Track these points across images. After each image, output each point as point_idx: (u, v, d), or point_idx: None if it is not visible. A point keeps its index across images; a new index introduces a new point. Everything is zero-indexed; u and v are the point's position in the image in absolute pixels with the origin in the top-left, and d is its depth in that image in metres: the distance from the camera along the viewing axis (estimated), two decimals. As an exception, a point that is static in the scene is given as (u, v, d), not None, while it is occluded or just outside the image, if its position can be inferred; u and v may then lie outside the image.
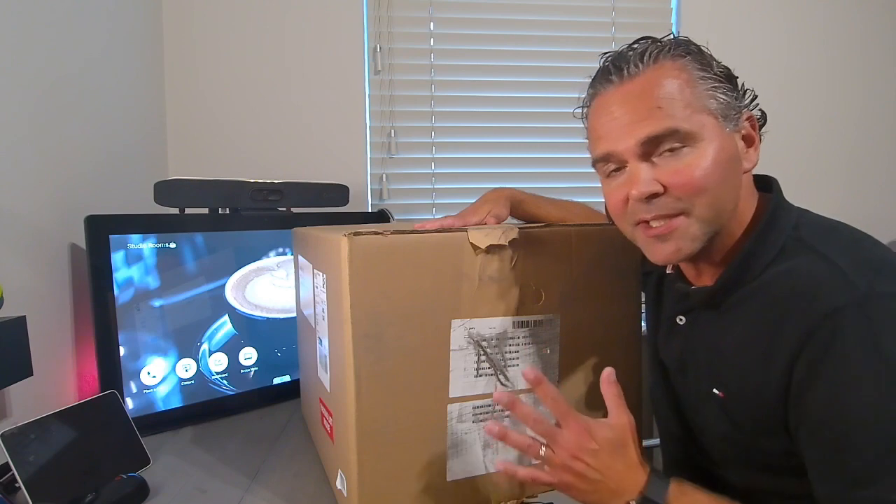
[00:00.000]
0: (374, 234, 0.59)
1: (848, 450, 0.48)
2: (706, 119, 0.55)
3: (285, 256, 1.08)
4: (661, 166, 0.56)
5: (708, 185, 0.55)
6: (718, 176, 0.55)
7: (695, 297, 0.64)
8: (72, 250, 0.94)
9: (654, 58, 0.57)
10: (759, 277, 0.57)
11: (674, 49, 0.57)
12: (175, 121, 1.38)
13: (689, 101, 0.55)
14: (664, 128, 0.54)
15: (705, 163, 0.55)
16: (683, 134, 0.54)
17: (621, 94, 0.58)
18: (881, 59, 1.60)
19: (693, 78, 0.56)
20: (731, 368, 0.59)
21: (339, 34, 1.43)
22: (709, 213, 0.56)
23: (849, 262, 0.52)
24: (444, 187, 1.51)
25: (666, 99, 0.55)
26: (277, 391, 1.07)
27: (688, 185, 0.55)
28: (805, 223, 0.59)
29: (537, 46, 1.51)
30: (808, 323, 0.51)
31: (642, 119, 0.55)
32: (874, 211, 1.61)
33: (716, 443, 0.65)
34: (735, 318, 0.59)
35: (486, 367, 0.66)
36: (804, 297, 0.52)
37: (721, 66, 0.59)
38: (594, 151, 0.61)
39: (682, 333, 0.68)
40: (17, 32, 0.82)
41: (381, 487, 0.62)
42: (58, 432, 0.72)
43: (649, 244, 0.60)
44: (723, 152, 0.56)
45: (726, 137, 0.56)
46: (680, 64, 0.57)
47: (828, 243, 0.55)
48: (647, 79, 0.56)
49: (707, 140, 0.55)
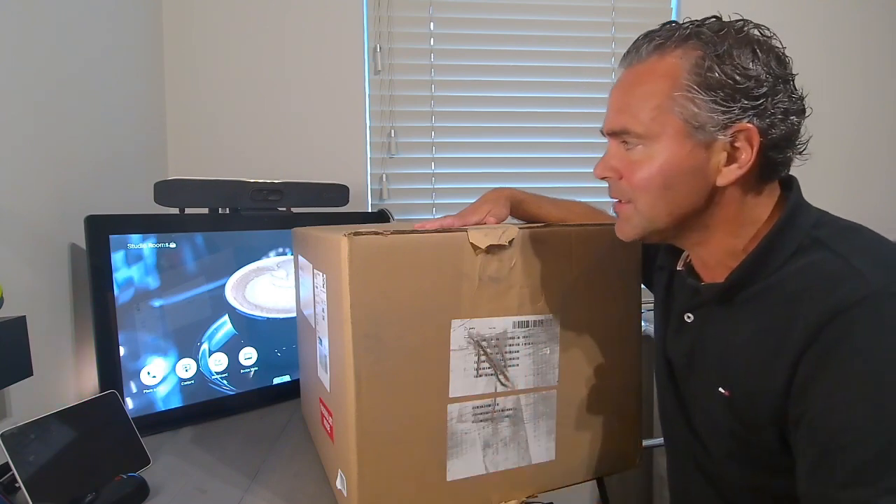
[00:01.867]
0: (374, 234, 0.59)
1: (842, 448, 0.48)
2: (672, 124, 0.56)
3: (285, 256, 1.08)
4: (622, 155, 0.60)
5: (647, 186, 0.58)
6: (659, 182, 0.57)
7: (706, 292, 0.64)
8: (72, 250, 0.94)
9: (659, 50, 0.58)
10: (773, 275, 0.57)
11: (684, 42, 0.56)
12: (175, 121, 1.38)
13: (660, 104, 0.56)
14: (619, 126, 0.59)
15: (650, 166, 0.57)
16: (635, 134, 0.58)
17: (622, 78, 0.62)
18: (881, 59, 1.60)
19: (680, 81, 0.55)
20: (739, 366, 0.59)
21: (339, 34, 1.43)
22: (647, 210, 0.59)
23: (865, 262, 0.51)
24: (444, 187, 1.51)
25: (638, 96, 0.58)
26: (277, 391, 1.07)
27: (629, 179, 0.60)
28: (824, 223, 0.58)
29: (537, 46, 1.51)
30: (819, 318, 0.50)
31: (614, 111, 0.60)
32: (874, 211, 1.61)
33: (720, 441, 0.64)
34: (747, 314, 0.59)
35: (486, 367, 0.66)
36: (818, 292, 0.52)
37: (738, 70, 0.54)
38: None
39: (690, 330, 0.67)
40: (17, 33, 0.82)
41: (381, 487, 0.62)
42: (58, 432, 0.72)
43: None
44: (673, 160, 0.56)
45: (689, 147, 0.56)
46: (674, 64, 0.56)
47: (845, 243, 0.55)
48: (637, 72, 0.59)
49: (661, 145, 0.57)
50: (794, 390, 0.52)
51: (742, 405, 0.59)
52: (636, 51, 0.59)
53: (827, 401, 0.49)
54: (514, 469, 0.70)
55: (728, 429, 0.61)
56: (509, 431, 0.69)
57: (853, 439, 0.47)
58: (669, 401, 0.73)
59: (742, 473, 0.63)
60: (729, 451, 0.63)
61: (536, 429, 0.71)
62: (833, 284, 0.51)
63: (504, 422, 0.68)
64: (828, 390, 0.49)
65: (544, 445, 0.71)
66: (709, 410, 0.64)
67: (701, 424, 0.67)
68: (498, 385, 0.67)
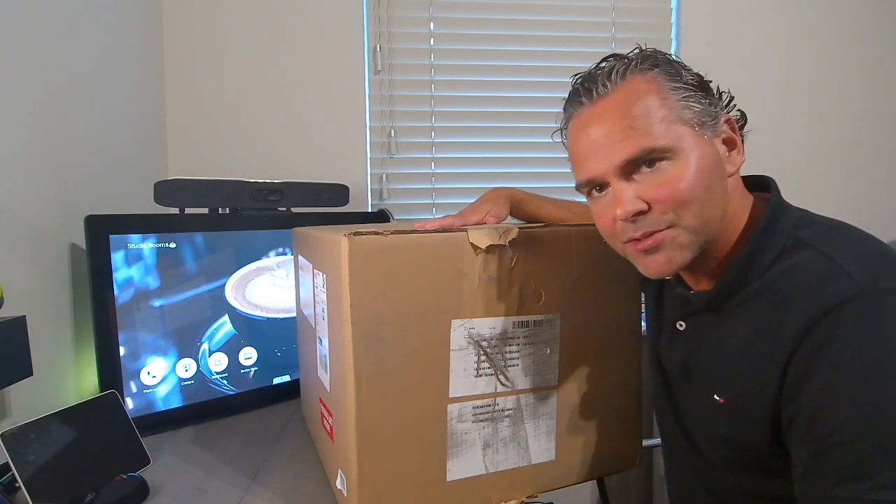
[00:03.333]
0: (374, 234, 0.59)
1: (837, 446, 0.48)
2: (682, 130, 0.55)
3: (285, 256, 1.08)
4: (644, 182, 0.56)
5: (692, 195, 0.55)
6: (702, 185, 0.55)
7: (696, 301, 0.64)
8: (72, 250, 0.94)
9: (621, 74, 0.56)
10: (760, 278, 0.57)
11: (641, 63, 0.57)
12: (175, 121, 1.38)
13: (663, 115, 0.55)
14: (640, 148, 0.54)
15: (687, 174, 0.54)
16: (660, 150, 0.54)
17: (594, 115, 0.57)
18: (881, 59, 1.60)
19: (664, 90, 0.56)
20: (733, 371, 0.59)
21: (339, 34, 1.43)
22: (696, 222, 0.55)
23: (851, 260, 0.52)
24: (444, 187, 1.51)
25: (639, 117, 0.55)
26: (277, 391, 1.07)
27: (671, 199, 0.55)
28: (806, 223, 0.58)
29: (537, 46, 1.51)
30: (807, 317, 0.50)
31: (618, 141, 0.55)
32: (874, 211, 1.61)
33: (716, 448, 0.64)
34: (737, 320, 0.59)
35: (486, 367, 0.66)
36: (805, 292, 0.52)
37: (692, 73, 0.58)
38: (576, 176, 0.62)
39: (683, 339, 0.67)
40: (18, 34, 0.82)
41: (381, 487, 0.62)
42: (58, 432, 0.72)
43: (640, 258, 0.59)
44: (704, 160, 0.55)
45: (705, 145, 0.56)
46: (649, 77, 0.56)
47: (830, 242, 0.55)
48: (618, 97, 0.56)
49: (686, 151, 0.55)
50: (786, 391, 0.52)
51: (737, 411, 0.59)
52: (596, 87, 0.57)
53: (819, 399, 0.49)
54: (514, 469, 0.70)
55: (724, 435, 0.61)
56: (509, 431, 0.69)
57: (847, 437, 0.47)
58: (665, 409, 0.73)
59: (739, 479, 0.63)
60: (725, 457, 0.63)
61: (536, 429, 0.71)
62: (820, 284, 0.51)
63: (504, 422, 0.68)
64: (820, 389, 0.49)
65: (544, 445, 0.71)
66: (704, 418, 0.64)
67: (697, 432, 0.67)
68: (498, 385, 0.67)
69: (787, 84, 1.57)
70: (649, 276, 0.60)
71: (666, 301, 0.73)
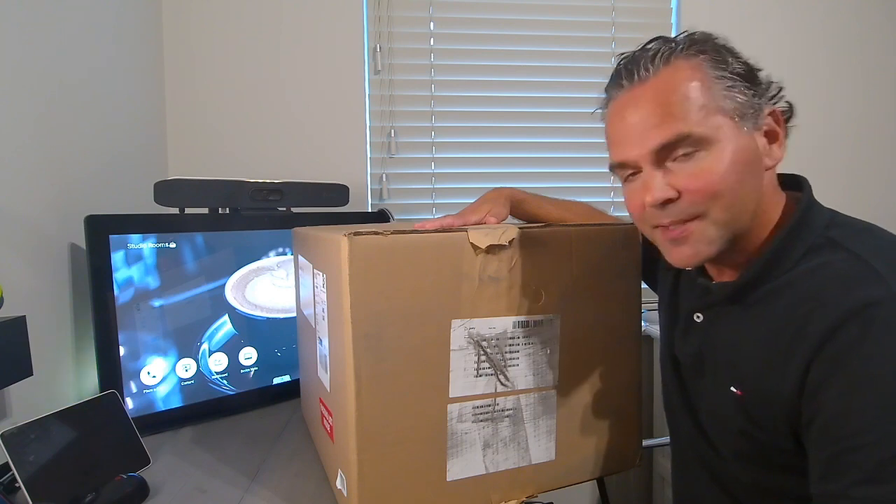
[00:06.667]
0: (374, 234, 0.59)
1: (859, 448, 0.47)
2: (721, 120, 0.54)
3: (285, 256, 1.08)
4: (676, 171, 0.55)
5: (724, 188, 0.54)
6: (735, 178, 0.54)
7: (718, 292, 0.64)
8: (72, 250, 0.94)
9: (665, 59, 0.56)
10: (786, 273, 0.56)
11: (687, 48, 0.56)
12: (175, 121, 1.39)
13: (703, 104, 0.54)
14: (675, 134, 0.54)
15: (721, 166, 0.54)
16: (696, 138, 0.54)
17: (633, 98, 0.57)
18: (881, 58, 1.60)
19: (707, 78, 0.55)
20: (751, 365, 0.58)
21: (338, 34, 1.43)
22: (725, 215, 0.55)
23: (882, 262, 0.51)
24: (444, 187, 1.51)
25: (678, 103, 0.54)
26: (277, 391, 1.07)
27: (703, 190, 0.54)
28: (838, 223, 0.58)
29: (537, 46, 1.51)
30: (835, 317, 0.50)
31: (654, 126, 0.55)
32: (874, 211, 1.61)
33: (728, 440, 0.64)
34: (759, 314, 0.58)
35: (486, 367, 0.66)
36: (834, 292, 0.51)
37: (741, 61, 0.57)
38: (611, 157, 0.62)
39: (699, 330, 0.67)
40: (18, 34, 0.82)
41: (381, 487, 0.62)
42: (58, 432, 0.72)
43: (668, 247, 0.59)
44: (740, 153, 0.54)
45: (744, 137, 0.55)
46: (694, 63, 0.55)
47: (860, 243, 0.54)
48: (660, 82, 0.55)
49: (723, 142, 0.54)
50: (807, 390, 0.52)
51: (754, 405, 0.58)
52: (638, 69, 0.56)
53: (843, 401, 0.49)
54: (514, 469, 0.70)
55: (738, 428, 0.61)
56: (509, 431, 0.69)
57: (870, 440, 0.47)
58: (676, 399, 0.73)
59: (750, 472, 0.62)
60: (738, 449, 0.63)
61: (536, 429, 0.71)
62: (851, 284, 0.51)
63: (504, 422, 0.68)
64: (844, 391, 0.49)
65: (544, 445, 0.71)
66: (718, 409, 0.64)
67: (709, 423, 0.67)
68: (498, 385, 0.67)
69: (788, 84, 1.56)
70: (675, 265, 0.60)
71: (682, 292, 0.72)
